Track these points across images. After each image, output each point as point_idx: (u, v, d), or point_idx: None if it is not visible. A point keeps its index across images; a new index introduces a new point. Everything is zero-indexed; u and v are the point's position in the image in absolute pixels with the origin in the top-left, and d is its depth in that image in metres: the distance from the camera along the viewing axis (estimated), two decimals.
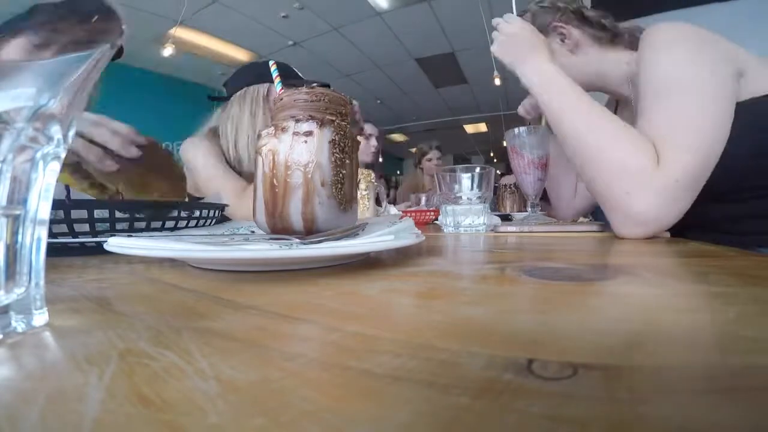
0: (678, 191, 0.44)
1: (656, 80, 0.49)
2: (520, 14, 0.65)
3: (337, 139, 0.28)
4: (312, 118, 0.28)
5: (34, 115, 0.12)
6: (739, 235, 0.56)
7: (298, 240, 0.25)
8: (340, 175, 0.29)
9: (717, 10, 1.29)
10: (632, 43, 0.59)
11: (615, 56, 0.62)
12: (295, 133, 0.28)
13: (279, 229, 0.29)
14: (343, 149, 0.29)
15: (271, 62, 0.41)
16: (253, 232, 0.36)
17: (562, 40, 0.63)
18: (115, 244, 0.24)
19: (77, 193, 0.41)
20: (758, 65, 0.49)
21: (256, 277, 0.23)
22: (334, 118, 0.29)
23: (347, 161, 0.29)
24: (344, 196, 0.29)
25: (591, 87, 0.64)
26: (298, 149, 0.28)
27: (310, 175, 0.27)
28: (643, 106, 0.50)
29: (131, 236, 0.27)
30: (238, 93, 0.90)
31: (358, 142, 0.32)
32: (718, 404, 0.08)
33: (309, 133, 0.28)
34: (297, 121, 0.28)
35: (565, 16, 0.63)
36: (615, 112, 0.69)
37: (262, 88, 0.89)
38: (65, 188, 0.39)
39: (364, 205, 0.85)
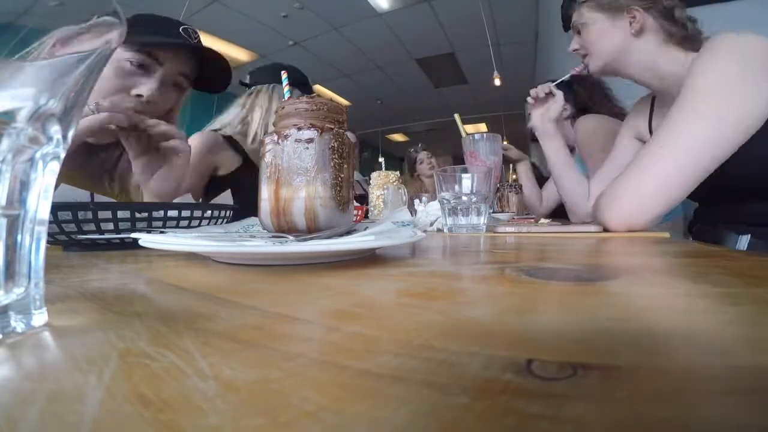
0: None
1: (691, 88, 0.53)
2: None
3: (336, 145, 0.30)
4: (313, 126, 0.30)
5: (34, 115, 0.12)
6: None
7: (293, 237, 0.27)
8: (339, 178, 0.31)
9: (717, 10, 1.28)
10: (696, 47, 0.61)
11: (676, 54, 0.64)
12: (297, 140, 0.30)
13: (284, 228, 0.31)
14: (341, 155, 0.31)
15: (283, 72, 0.42)
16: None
17: (631, 23, 0.65)
18: (146, 239, 0.27)
19: (99, 197, 0.43)
20: None
21: (256, 277, 0.23)
22: (333, 126, 0.31)
23: (345, 165, 0.31)
24: (342, 197, 0.31)
25: (637, 75, 0.68)
26: (301, 155, 0.30)
27: (312, 179, 0.29)
28: (671, 111, 0.54)
29: (165, 232, 0.30)
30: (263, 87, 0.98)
31: (354, 148, 0.34)
32: (721, 405, 0.08)
33: (310, 140, 0.30)
34: (299, 129, 0.30)
35: (652, 7, 0.64)
36: (652, 107, 0.73)
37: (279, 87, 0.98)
38: (90, 195, 0.41)
39: (378, 206, 0.85)
